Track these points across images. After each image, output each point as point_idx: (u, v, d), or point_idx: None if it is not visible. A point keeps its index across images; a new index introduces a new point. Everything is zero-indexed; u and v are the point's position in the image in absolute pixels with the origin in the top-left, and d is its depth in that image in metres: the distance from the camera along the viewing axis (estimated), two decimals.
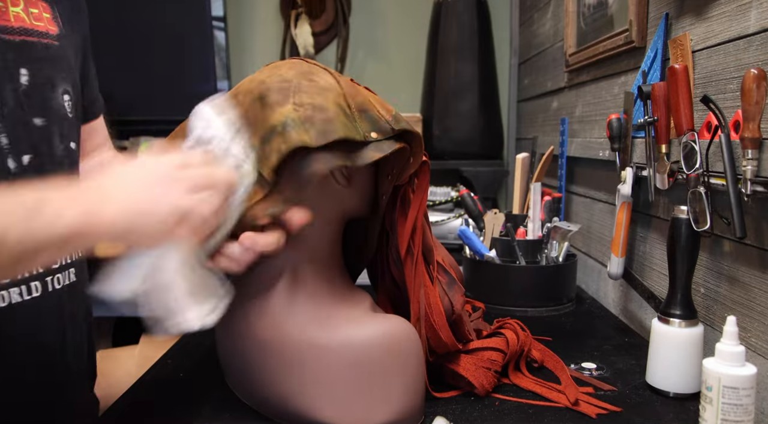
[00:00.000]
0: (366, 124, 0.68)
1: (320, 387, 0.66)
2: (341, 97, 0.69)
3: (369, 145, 0.67)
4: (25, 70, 0.66)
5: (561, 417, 0.71)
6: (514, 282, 1.15)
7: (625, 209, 1.03)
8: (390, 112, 0.71)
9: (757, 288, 0.73)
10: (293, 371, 0.67)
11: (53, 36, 0.71)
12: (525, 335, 0.86)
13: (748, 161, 0.68)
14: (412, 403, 0.68)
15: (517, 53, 2.07)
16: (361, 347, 0.66)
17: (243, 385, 0.74)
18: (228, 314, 0.75)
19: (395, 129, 0.69)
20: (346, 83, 0.71)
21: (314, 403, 0.66)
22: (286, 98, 0.66)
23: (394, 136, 0.69)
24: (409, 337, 0.69)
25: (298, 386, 0.67)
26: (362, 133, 0.67)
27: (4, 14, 0.65)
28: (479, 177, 1.92)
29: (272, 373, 0.69)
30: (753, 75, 0.67)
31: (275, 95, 0.66)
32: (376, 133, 0.68)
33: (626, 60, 1.13)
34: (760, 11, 0.72)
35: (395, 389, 0.66)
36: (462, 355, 0.78)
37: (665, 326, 0.78)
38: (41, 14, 0.70)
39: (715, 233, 0.80)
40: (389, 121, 0.69)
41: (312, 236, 0.73)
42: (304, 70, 0.71)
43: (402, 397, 0.67)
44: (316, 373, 0.66)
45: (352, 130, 0.66)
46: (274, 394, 0.69)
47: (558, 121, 1.52)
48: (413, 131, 0.70)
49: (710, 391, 0.64)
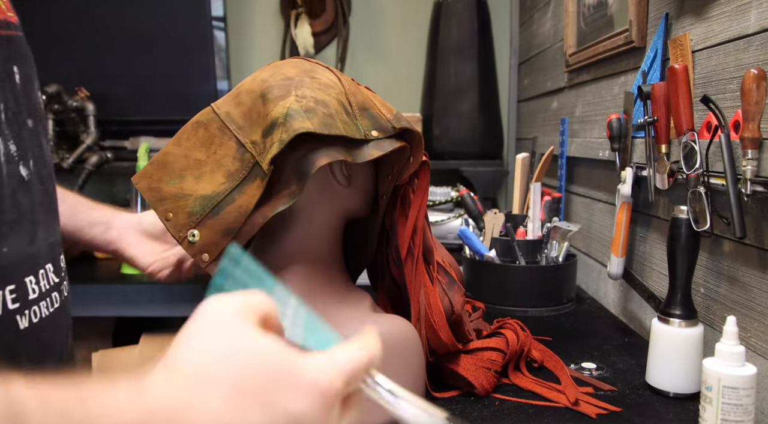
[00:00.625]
0: (367, 122, 0.69)
1: None
2: (343, 95, 0.69)
3: (369, 143, 0.68)
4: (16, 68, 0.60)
5: (561, 417, 0.71)
6: (514, 282, 1.15)
7: (625, 209, 1.03)
8: (391, 111, 0.71)
9: (757, 288, 0.73)
10: None
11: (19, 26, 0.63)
12: (525, 335, 0.86)
13: (748, 161, 0.68)
14: None
15: (517, 53, 2.07)
16: None
17: None
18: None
19: (396, 127, 0.69)
20: (347, 81, 0.71)
21: None
22: (288, 93, 0.66)
23: (395, 135, 0.69)
24: (410, 336, 0.69)
25: None
26: (363, 131, 0.68)
27: None
28: (479, 177, 1.92)
29: None
30: (753, 75, 0.67)
31: (277, 91, 0.67)
32: (376, 132, 0.68)
33: (626, 60, 1.13)
34: (760, 11, 0.72)
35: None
36: (462, 355, 0.78)
37: (665, 326, 0.78)
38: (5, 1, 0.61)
39: (715, 233, 0.80)
40: (390, 119, 0.69)
41: (312, 235, 0.73)
42: (306, 69, 0.71)
43: None
44: None
45: (352, 128, 0.67)
46: None
47: (558, 121, 1.52)
48: (413, 130, 0.70)
49: (710, 391, 0.64)
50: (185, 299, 1.39)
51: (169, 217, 0.67)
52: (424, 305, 0.74)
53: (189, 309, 0.38)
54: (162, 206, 0.67)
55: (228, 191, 0.66)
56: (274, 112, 0.65)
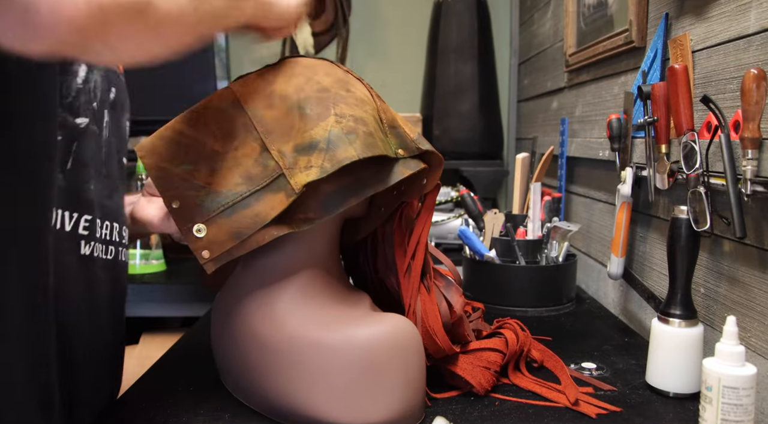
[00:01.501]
0: (395, 140, 0.69)
1: (321, 386, 0.66)
2: (376, 112, 0.69)
3: (398, 161, 0.68)
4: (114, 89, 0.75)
5: (561, 417, 0.71)
6: (514, 282, 1.15)
7: (624, 209, 1.03)
8: (413, 131, 0.72)
9: (757, 288, 0.73)
10: (294, 371, 0.67)
11: None
12: (525, 335, 0.86)
13: (748, 161, 0.68)
14: (413, 401, 0.68)
15: (517, 53, 2.07)
16: (363, 345, 0.66)
17: (242, 386, 0.74)
18: (226, 316, 0.76)
19: (420, 149, 0.70)
20: (377, 96, 0.72)
21: (315, 402, 0.66)
22: (327, 110, 0.66)
23: (418, 155, 0.70)
24: (411, 335, 0.69)
25: (299, 386, 0.67)
26: (393, 150, 0.68)
27: None
28: (479, 177, 1.92)
29: (273, 373, 0.69)
30: (753, 75, 0.67)
31: (315, 107, 0.66)
32: (402, 150, 0.69)
33: (626, 60, 1.13)
34: (760, 11, 0.72)
35: (397, 387, 0.66)
36: (461, 355, 0.79)
37: (665, 325, 0.78)
38: None
39: (715, 233, 0.80)
40: (414, 140, 0.70)
41: (311, 236, 0.73)
42: (340, 78, 0.70)
43: (403, 395, 0.67)
44: (318, 372, 0.66)
45: (387, 146, 0.67)
46: (274, 394, 0.69)
47: (558, 121, 1.52)
48: (435, 153, 0.71)
49: (710, 391, 0.64)
50: (185, 299, 1.39)
51: (175, 204, 0.65)
52: (420, 312, 0.75)
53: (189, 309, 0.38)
54: (169, 191, 0.65)
55: (245, 195, 0.64)
56: (315, 132, 0.64)
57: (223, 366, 0.78)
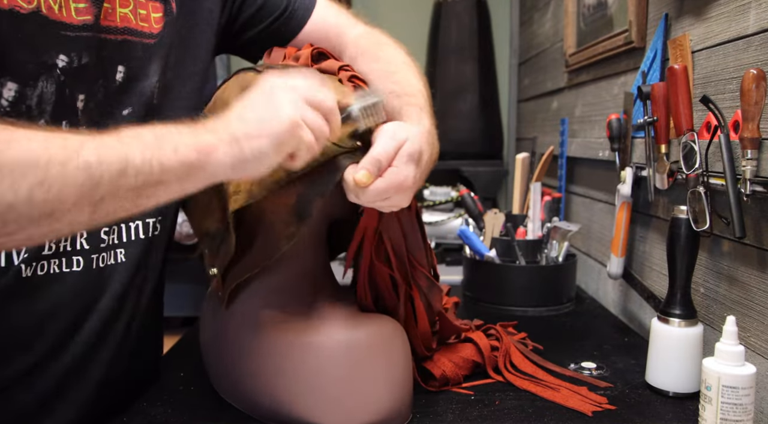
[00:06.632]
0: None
1: (309, 387, 0.66)
2: None
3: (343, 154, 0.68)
4: (122, 68, 0.70)
5: (561, 417, 0.72)
6: (514, 282, 1.15)
7: (624, 209, 1.03)
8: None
9: (757, 288, 0.74)
10: (282, 372, 0.67)
11: (154, 35, 0.73)
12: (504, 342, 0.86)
13: (747, 161, 0.69)
14: (399, 401, 0.68)
15: (517, 53, 2.07)
16: (350, 346, 0.66)
17: (233, 390, 0.74)
18: (216, 320, 0.76)
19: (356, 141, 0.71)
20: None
21: (303, 403, 0.66)
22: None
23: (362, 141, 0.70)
24: (397, 336, 0.69)
25: (288, 388, 0.66)
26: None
27: (110, 15, 0.68)
28: (479, 177, 1.92)
29: (262, 376, 0.69)
30: (752, 75, 0.67)
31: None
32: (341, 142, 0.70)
33: (626, 60, 1.13)
34: (760, 11, 0.72)
35: (383, 388, 0.66)
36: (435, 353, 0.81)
37: (665, 325, 0.78)
38: (149, 15, 0.72)
39: (715, 232, 0.80)
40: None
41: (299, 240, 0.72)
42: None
43: (390, 395, 0.67)
44: (305, 373, 0.66)
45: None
46: (264, 397, 0.69)
47: (558, 121, 1.52)
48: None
49: (709, 390, 0.64)
50: (185, 299, 1.39)
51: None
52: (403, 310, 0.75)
53: (189, 309, 0.38)
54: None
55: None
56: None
57: (214, 371, 0.78)
